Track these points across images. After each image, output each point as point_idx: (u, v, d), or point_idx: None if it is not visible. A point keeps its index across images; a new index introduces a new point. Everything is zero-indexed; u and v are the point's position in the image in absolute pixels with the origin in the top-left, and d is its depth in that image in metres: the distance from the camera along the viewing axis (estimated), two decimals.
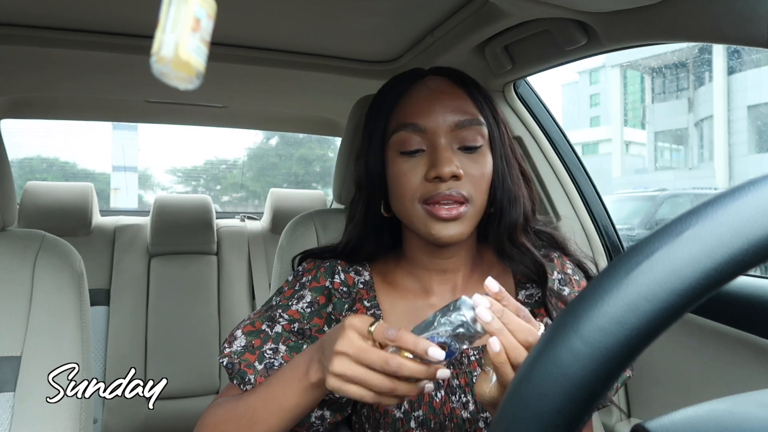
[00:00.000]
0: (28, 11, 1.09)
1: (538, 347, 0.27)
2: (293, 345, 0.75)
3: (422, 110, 0.74)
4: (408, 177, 0.73)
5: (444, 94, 0.75)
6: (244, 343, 0.76)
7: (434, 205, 0.71)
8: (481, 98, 0.77)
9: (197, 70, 0.36)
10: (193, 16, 0.36)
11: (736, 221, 0.25)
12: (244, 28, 1.18)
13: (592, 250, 1.35)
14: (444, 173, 0.70)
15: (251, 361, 0.73)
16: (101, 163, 11.28)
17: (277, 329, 0.76)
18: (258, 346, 0.75)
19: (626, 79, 21.84)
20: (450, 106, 0.74)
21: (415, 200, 0.73)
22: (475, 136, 0.74)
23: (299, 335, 0.76)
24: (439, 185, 0.71)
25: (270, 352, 0.74)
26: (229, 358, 0.74)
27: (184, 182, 9.19)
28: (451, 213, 0.70)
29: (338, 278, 0.80)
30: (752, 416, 0.28)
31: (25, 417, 0.81)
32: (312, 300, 0.79)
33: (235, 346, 0.76)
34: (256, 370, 0.73)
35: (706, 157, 18.09)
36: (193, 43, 0.36)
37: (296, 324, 0.77)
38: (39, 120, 2.15)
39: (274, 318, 0.77)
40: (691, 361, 1.10)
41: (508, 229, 0.76)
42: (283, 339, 0.76)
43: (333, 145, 6.00)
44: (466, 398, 0.73)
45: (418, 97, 0.75)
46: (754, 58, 14.70)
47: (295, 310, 0.78)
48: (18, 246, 0.90)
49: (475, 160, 0.73)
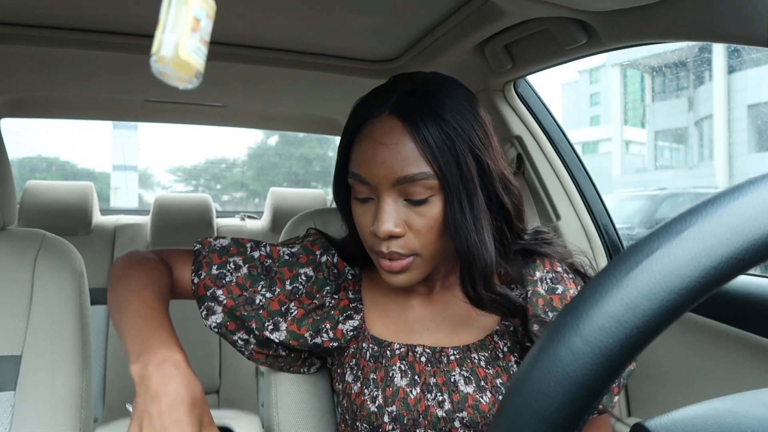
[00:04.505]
0: (29, 10, 1.09)
1: (539, 346, 0.27)
2: (255, 274, 0.79)
3: (365, 163, 0.69)
4: (360, 223, 0.73)
5: (387, 147, 0.67)
6: (225, 245, 0.81)
7: (380, 257, 0.71)
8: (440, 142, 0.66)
9: (197, 70, 0.36)
10: (193, 16, 0.36)
11: (736, 220, 0.25)
12: (244, 27, 1.17)
13: (592, 249, 1.35)
14: (380, 233, 0.67)
15: (213, 261, 0.79)
16: (101, 163, 11.28)
17: (254, 254, 0.81)
18: (231, 254, 0.80)
19: (626, 78, 21.83)
20: (392, 161, 0.67)
21: (368, 246, 0.73)
22: (421, 189, 0.67)
23: (265, 271, 0.80)
24: (380, 242, 0.69)
25: (232, 266, 0.79)
26: (202, 246, 0.81)
27: (184, 181, 9.20)
28: (392, 267, 0.70)
29: (331, 258, 0.83)
30: (752, 415, 0.29)
31: (25, 416, 0.81)
32: (295, 252, 0.82)
33: (216, 243, 0.81)
34: (209, 272, 0.78)
35: (706, 156, 18.08)
36: (192, 44, 0.36)
37: (269, 260, 0.81)
38: (39, 119, 2.15)
39: (259, 245, 0.82)
40: (690, 360, 1.10)
41: (482, 277, 0.69)
42: (251, 264, 0.80)
43: (333, 145, 6.00)
44: (442, 397, 0.72)
45: (364, 147, 0.70)
46: (754, 57, 14.69)
47: (278, 250, 0.82)
48: (18, 245, 0.90)
49: (421, 213, 0.68)
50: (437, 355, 0.75)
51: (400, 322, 0.79)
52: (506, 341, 0.76)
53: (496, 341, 0.76)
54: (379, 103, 0.70)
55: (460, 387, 0.73)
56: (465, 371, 0.74)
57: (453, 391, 0.72)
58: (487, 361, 0.74)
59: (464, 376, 0.73)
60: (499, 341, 0.76)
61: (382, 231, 0.67)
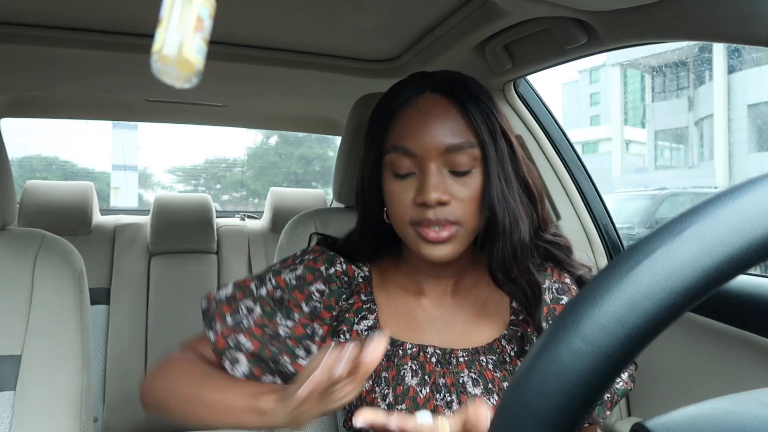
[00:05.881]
0: (28, 10, 1.09)
1: (538, 346, 0.27)
2: (269, 311, 0.78)
3: (412, 134, 0.72)
4: (399, 199, 0.74)
5: (435, 117, 0.72)
6: (229, 293, 0.80)
7: (423, 227, 0.71)
8: (479, 115, 0.73)
9: (197, 69, 0.36)
10: (197, 16, 0.36)
11: (736, 220, 0.25)
12: (245, 26, 1.17)
13: (592, 249, 1.35)
14: (429, 200, 0.69)
15: (224, 312, 0.78)
16: (101, 162, 11.27)
17: (261, 291, 0.80)
18: (239, 299, 0.79)
19: (626, 78, 21.84)
20: (440, 130, 0.72)
21: (405, 222, 0.73)
22: (466, 159, 0.72)
23: (278, 303, 0.79)
24: (426, 210, 0.71)
25: (245, 310, 0.78)
26: (209, 302, 0.80)
27: (184, 181, 9.20)
28: (440, 235, 0.71)
29: (339, 267, 0.82)
30: (753, 415, 0.28)
31: (25, 416, 0.81)
32: (301, 275, 0.81)
33: (221, 294, 0.80)
34: (225, 322, 0.77)
35: (706, 156, 18.09)
36: (196, 43, 0.36)
37: (279, 292, 0.79)
38: (39, 119, 2.15)
39: (263, 280, 0.81)
40: (691, 360, 1.10)
41: (512, 250, 0.73)
42: (263, 302, 0.79)
43: (333, 144, 6.00)
44: (450, 398, 0.73)
45: (410, 120, 0.74)
46: (754, 57, 14.69)
47: (284, 278, 0.80)
48: (18, 245, 0.90)
49: (465, 184, 0.72)
50: (447, 357, 0.75)
51: (412, 322, 0.79)
52: (513, 346, 0.76)
53: (503, 345, 0.76)
54: (416, 85, 0.76)
55: (468, 389, 0.73)
56: (473, 373, 0.74)
57: (461, 392, 0.73)
58: (494, 364, 0.75)
59: (472, 378, 0.74)
60: (507, 345, 0.76)
61: (433, 197, 0.69)
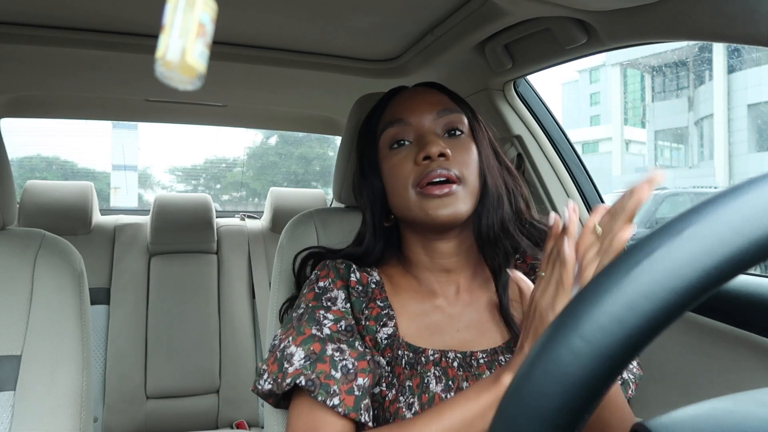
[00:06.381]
0: (28, 10, 1.09)
1: (538, 346, 0.27)
2: (349, 342, 0.72)
3: (407, 107, 0.80)
4: (400, 166, 0.77)
5: (424, 93, 0.83)
6: (305, 354, 0.70)
7: (427, 185, 0.74)
8: (463, 104, 0.84)
9: (199, 72, 0.36)
10: (199, 21, 0.36)
11: (736, 220, 0.25)
12: (245, 26, 1.17)
13: None
14: (432, 152, 0.74)
15: (327, 371, 0.68)
16: (101, 162, 11.26)
17: (326, 331, 0.72)
18: (320, 351, 0.70)
19: (626, 78, 21.84)
20: (430, 100, 0.81)
21: (408, 186, 0.76)
22: (458, 120, 0.80)
23: (348, 333, 0.74)
24: (429, 164, 0.74)
25: (337, 354, 0.70)
26: (305, 375, 0.68)
27: (184, 181, 9.19)
28: (443, 190, 0.73)
29: (354, 277, 0.80)
30: (752, 415, 0.28)
31: (25, 416, 0.81)
32: (345, 297, 0.78)
33: (298, 362, 0.69)
34: (337, 380, 0.68)
35: (706, 156, 18.09)
36: (198, 48, 0.36)
37: (342, 322, 0.74)
38: (39, 119, 2.15)
39: (319, 321, 0.73)
40: (691, 360, 1.10)
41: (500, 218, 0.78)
42: (336, 339, 0.72)
43: (333, 144, 6.00)
44: None
45: (401, 99, 0.83)
46: (754, 57, 14.69)
47: (337, 309, 0.75)
48: (18, 245, 0.90)
49: (460, 146, 0.78)
50: (468, 360, 0.75)
51: (432, 326, 0.79)
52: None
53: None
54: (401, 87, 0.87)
55: None
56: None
57: None
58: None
59: None
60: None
61: (434, 150, 0.74)
